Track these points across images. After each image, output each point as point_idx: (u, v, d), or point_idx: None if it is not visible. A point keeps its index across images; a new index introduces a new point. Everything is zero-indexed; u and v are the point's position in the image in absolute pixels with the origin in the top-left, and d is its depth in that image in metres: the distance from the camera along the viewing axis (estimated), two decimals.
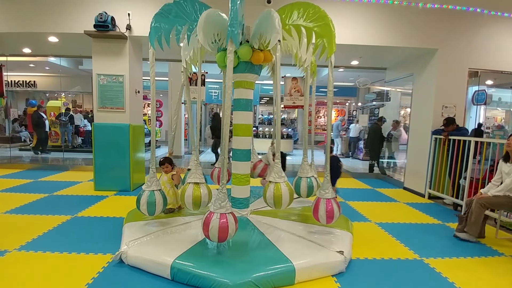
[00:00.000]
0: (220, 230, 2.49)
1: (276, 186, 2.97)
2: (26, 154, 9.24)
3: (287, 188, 3.00)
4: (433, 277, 2.73)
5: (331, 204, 3.04)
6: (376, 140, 7.76)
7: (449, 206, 5.07)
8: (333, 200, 3.08)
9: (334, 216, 3.05)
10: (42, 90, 11.84)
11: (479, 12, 5.41)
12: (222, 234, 2.51)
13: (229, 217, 2.54)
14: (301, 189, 3.73)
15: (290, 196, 3.02)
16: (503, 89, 8.14)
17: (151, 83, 3.22)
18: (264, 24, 2.97)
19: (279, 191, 2.96)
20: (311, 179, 3.71)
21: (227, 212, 2.54)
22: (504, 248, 3.39)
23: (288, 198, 2.99)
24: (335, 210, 3.04)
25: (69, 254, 2.88)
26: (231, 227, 2.53)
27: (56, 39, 5.64)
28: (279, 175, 3.00)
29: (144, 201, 3.11)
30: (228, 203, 2.59)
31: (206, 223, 2.52)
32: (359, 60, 6.82)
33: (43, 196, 4.80)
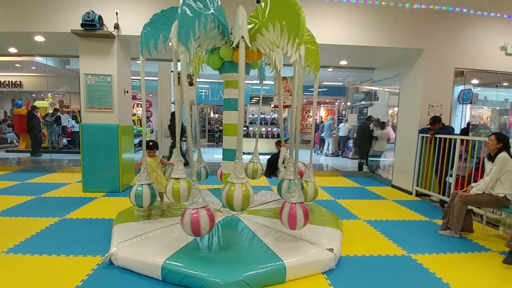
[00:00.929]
0: (191, 224, 2.54)
1: (231, 187, 2.84)
2: (13, 156, 9.04)
3: (242, 189, 2.81)
4: (421, 273, 2.79)
5: (294, 209, 2.83)
6: (365, 139, 7.87)
7: (436, 203, 5.18)
8: (299, 205, 2.85)
9: (296, 221, 2.82)
10: (28, 90, 11.61)
11: (465, 12, 5.53)
12: (194, 227, 2.55)
13: (201, 211, 2.56)
14: (282, 191, 3.70)
15: (244, 198, 2.80)
16: (489, 88, 8.34)
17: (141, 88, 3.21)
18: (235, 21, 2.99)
19: (232, 192, 2.81)
20: (291, 182, 3.43)
21: (199, 207, 2.57)
22: (490, 244, 3.48)
23: (241, 201, 2.80)
24: (298, 215, 2.81)
25: (58, 257, 2.84)
26: (203, 220, 2.55)
27: (43, 38, 5.54)
28: (236, 175, 2.85)
29: (133, 193, 3.36)
30: (200, 198, 2.61)
31: (181, 218, 2.59)
32: (348, 60, 6.90)
33: (31, 198, 4.71)
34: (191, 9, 2.86)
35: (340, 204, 4.93)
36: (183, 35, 2.82)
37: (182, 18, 2.81)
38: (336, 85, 12.53)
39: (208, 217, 2.59)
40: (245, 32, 2.83)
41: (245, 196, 2.81)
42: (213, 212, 2.66)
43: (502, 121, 9.19)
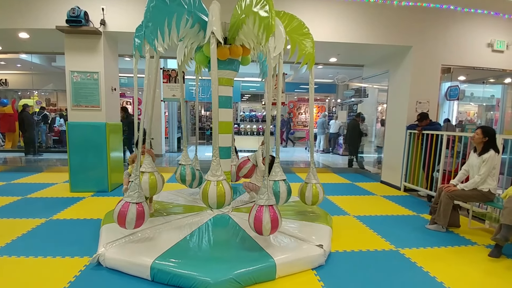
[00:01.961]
0: (118, 216, 2.76)
1: (206, 184, 2.81)
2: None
3: (217, 187, 2.76)
4: (408, 267, 2.84)
5: (261, 212, 2.67)
6: (355, 136, 7.95)
7: (424, 198, 5.26)
8: (267, 208, 2.68)
9: (262, 225, 2.64)
10: (14, 88, 11.32)
11: (452, 9, 5.60)
12: (119, 220, 2.76)
13: (131, 206, 2.74)
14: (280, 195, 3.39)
15: (219, 196, 2.76)
16: (475, 85, 8.49)
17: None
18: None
19: (207, 189, 2.78)
20: (277, 183, 3.30)
21: (131, 202, 2.76)
22: (476, 237, 3.55)
23: (215, 198, 2.76)
24: (264, 219, 2.64)
25: (44, 258, 2.79)
26: (129, 215, 2.73)
27: (27, 35, 5.41)
28: (212, 173, 2.81)
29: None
30: (135, 193, 2.78)
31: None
32: (337, 57, 6.93)
33: (17, 199, 4.62)
34: (160, 6, 2.85)
35: (330, 200, 4.97)
36: (148, 33, 2.85)
37: (148, 15, 2.83)
38: (326, 82, 12.60)
39: (135, 213, 2.74)
40: (216, 27, 2.75)
41: (219, 193, 2.77)
42: (144, 210, 2.80)
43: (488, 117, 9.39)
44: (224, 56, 3.29)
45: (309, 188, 3.58)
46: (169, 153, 10.10)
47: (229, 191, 2.86)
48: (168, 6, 2.91)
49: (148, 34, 2.86)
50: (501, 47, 5.85)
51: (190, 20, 3.13)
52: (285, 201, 3.36)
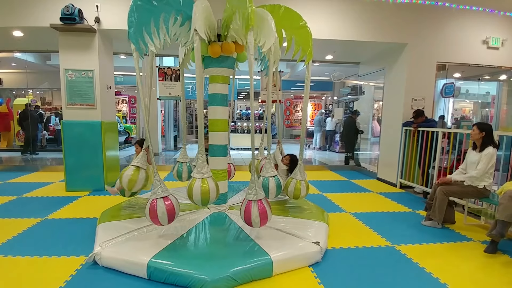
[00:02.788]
0: (150, 212, 2.77)
1: (192, 181, 2.84)
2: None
3: (201, 185, 2.77)
4: (404, 263, 2.85)
5: (250, 206, 2.73)
6: (351, 133, 7.97)
7: (419, 195, 5.29)
8: (255, 203, 2.74)
9: (251, 219, 2.72)
10: (9, 87, 11.23)
11: (447, 6, 5.62)
12: (152, 218, 2.79)
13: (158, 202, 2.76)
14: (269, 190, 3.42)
15: (203, 193, 2.77)
16: (471, 81, 8.53)
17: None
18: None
19: (191, 186, 2.81)
20: (267, 179, 3.40)
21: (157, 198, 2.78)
22: (472, 234, 3.58)
23: (199, 195, 2.77)
24: (253, 213, 2.71)
25: (40, 258, 2.77)
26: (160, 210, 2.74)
27: (21, 33, 5.36)
28: (198, 170, 2.83)
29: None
30: (159, 189, 2.78)
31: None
32: (334, 54, 6.93)
33: (12, 199, 4.58)
34: (144, 6, 2.88)
35: (326, 197, 4.98)
36: (132, 33, 2.87)
37: (131, 15, 2.85)
38: (322, 80, 12.60)
39: (166, 207, 2.74)
40: (198, 25, 2.72)
41: (203, 191, 2.77)
42: (174, 203, 2.79)
43: (484, 114, 9.44)
44: (216, 53, 3.28)
45: (293, 183, 3.64)
46: (166, 151, 10.07)
47: (214, 189, 2.85)
48: (154, 5, 2.94)
49: (132, 34, 2.87)
50: (496, 44, 5.88)
51: (180, 18, 3.13)
52: (275, 195, 3.47)
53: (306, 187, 3.67)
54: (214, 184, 2.87)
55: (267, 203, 2.81)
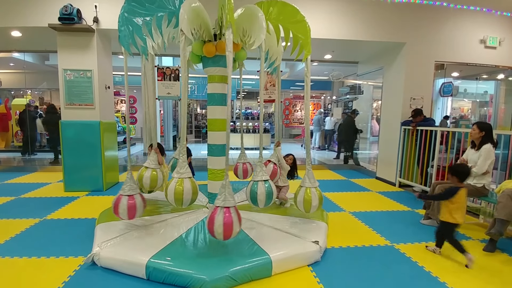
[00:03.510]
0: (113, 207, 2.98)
1: (170, 181, 2.78)
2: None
3: (176, 185, 2.69)
4: (404, 262, 2.86)
5: (215, 213, 2.46)
6: (350, 132, 7.97)
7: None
8: (221, 210, 2.46)
9: (214, 227, 2.44)
10: (7, 87, 11.20)
11: (445, 6, 5.62)
12: (114, 210, 2.99)
13: (123, 199, 2.95)
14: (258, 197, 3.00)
15: (176, 193, 2.68)
16: (469, 81, 8.55)
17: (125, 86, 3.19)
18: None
19: (168, 186, 2.77)
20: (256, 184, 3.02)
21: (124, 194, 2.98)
22: (471, 232, 3.59)
23: (172, 195, 2.69)
24: (216, 221, 2.43)
25: (38, 259, 2.77)
26: (122, 207, 2.94)
27: (19, 33, 5.35)
28: (177, 170, 2.76)
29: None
30: (128, 187, 3.00)
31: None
32: (332, 54, 6.94)
33: (10, 199, 4.57)
34: (135, 10, 2.99)
35: (325, 197, 4.97)
36: (122, 37, 2.98)
37: (121, 20, 2.95)
38: (321, 79, 12.62)
39: (127, 205, 2.91)
40: (184, 25, 2.71)
41: (177, 191, 2.67)
42: (136, 202, 2.96)
43: (482, 113, 9.46)
44: (211, 53, 3.27)
45: (302, 192, 3.18)
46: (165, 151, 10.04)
47: (189, 190, 2.71)
48: (145, 8, 3.03)
49: (122, 38, 2.96)
50: (494, 43, 5.90)
51: (174, 20, 3.14)
52: (265, 204, 3.02)
53: (319, 197, 3.15)
54: (190, 185, 2.72)
55: (235, 213, 2.50)
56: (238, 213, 2.53)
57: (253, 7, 2.97)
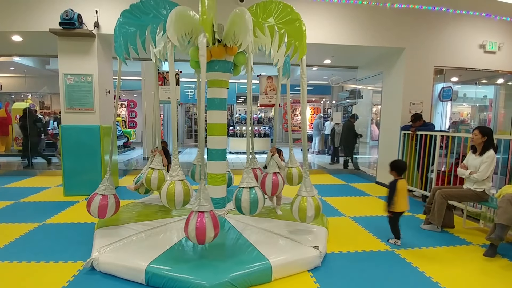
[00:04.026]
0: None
1: (164, 184, 2.92)
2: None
3: (167, 188, 2.82)
4: (404, 267, 2.84)
5: (190, 217, 2.48)
6: (350, 137, 7.97)
7: (418, 198, 5.29)
8: (195, 214, 2.46)
9: (187, 230, 2.46)
10: (7, 91, 11.22)
11: (444, 11, 5.67)
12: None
13: (96, 197, 3.15)
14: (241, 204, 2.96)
15: (168, 194, 2.81)
16: (468, 85, 8.56)
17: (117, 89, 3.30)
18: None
19: (161, 188, 2.92)
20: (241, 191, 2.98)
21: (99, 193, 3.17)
22: (471, 237, 3.57)
23: (165, 197, 2.83)
24: (190, 225, 2.44)
25: (37, 263, 2.76)
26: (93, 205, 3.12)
27: (20, 38, 5.37)
28: (170, 173, 2.90)
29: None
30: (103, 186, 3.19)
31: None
32: (332, 59, 6.97)
33: (9, 204, 4.56)
34: (129, 21, 3.18)
35: (325, 201, 4.97)
36: (117, 47, 3.14)
37: (117, 31, 3.11)
38: (321, 84, 12.65)
39: (99, 203, 3.10)
40: (170, 32, 2.76)
41: (169, 192, 2.82)
42: (109, 204, 3.13)
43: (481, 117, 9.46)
44: (206, 58, 3.30)
45: (297, 201, 3.03)
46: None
47: (181, 192, 2.82)
48: (140, 19, 3.21)
49: (117, 47, 3.13)
50: (493, 48, 5.93)
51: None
52: (250, 212, 2.97)
53: (315, 206, 2.97)
54: (182, 187, 2.82)
55: (209, 218, 2.46)
56: (214, 218, 2.51)
57: (241, 9, 2.96)
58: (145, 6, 3.28)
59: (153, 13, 3.28)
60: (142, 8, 3.28)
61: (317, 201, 3.01)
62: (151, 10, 3.29)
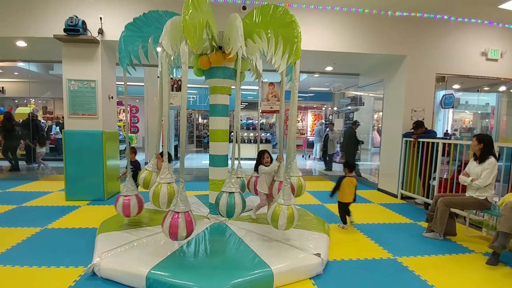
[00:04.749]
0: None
1: (155, 185, 3.05)
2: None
3: (154, 189, 3.00)
4: (406, 276, 2.82)
5: (166, 215, 2.63)
6: (351, 143, 7.97)
7: (420, 206, 5.27)
8: (171, 214, 2.60)
9: (163, 227, 2.61)
10: (11, 96, 11.31)
11: (446, 19, 5.70)
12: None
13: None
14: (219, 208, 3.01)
15: (154, 196, 2.98)
16: (470, 93, 8.56)
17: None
18: None
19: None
20: (221, 195, 3.02)
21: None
22: (474, 245, 3.55)
23: (151, 198, 3.01)
24: (165, 222, 2.59)
25: (39, 268, 2.75)
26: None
27: (25, 43, 5.43)
28: (160, 176, 3.04)
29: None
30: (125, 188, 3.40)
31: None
32: (333, 66, 7.00)
33: (11, 208, 4.57)
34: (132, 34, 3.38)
35: (327, 208, 4.96)
36: (121, 59, 3.34)
37: (121, 43, 3.29)
38: (322, 91, 12.68)
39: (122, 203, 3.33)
40: (165, 41, 2.85)
41: (154, 194, 2.98)
42: (129, 202, 3.33)
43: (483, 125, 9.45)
44: (205, 65, 3.35)
45: (272, 207, 2.97)
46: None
47: (165, 194, 2.94)
48: (142, 31, 3.42)
49: (121, 58, 3.36)
50: (495, 55, 5.95)
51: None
52: (227, 215, 3.01)
53: (288, 215, 2.84)
54: (166, 190, 2.96)
55: (183, 218, 2.57)
56: (189, 219, 2.61)
57: (233, 16, 3.03)
58: (148, 18, 3.43)
59: (155, 24, 3.38)
60: (144, 21, 3.44)
61: (292, 211, 2.89)
62: (153, 22, 3.41)
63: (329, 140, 8.94)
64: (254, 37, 3.34)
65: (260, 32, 3.26)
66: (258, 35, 3.29)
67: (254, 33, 3.30)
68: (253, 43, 3.40)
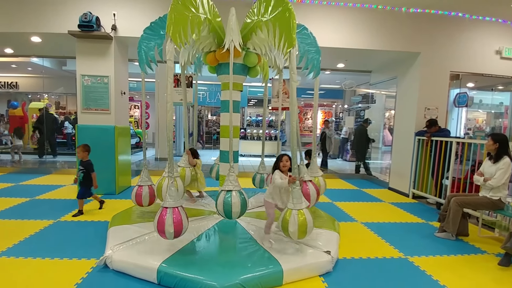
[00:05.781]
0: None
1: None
2: (7, 157, 8.94)
3: (159, 183, 3.47)
4: (417, 275, 2.79)
5: (160, 210, 2.64)
6: (362, 142, 7.89)
7: (433, 206, 5.19)
8: (161, 209, 2.63)
9: (157, 222, 2.60)
10: (25, 91, 11.53)
11: (460, 16, 5.58)
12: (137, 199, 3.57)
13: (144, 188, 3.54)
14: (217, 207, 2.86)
15: (158, 189, 3.52)
16: (484, 91, 8.39)
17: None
18: None
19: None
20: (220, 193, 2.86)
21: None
22: (486, 246, 3.49)
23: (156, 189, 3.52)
24: (156, 218, 2.61)
25: (51, 260, 2.81)
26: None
27: (39, 39, 5.51)
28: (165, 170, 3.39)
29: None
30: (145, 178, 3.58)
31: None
32: (345, 63, 6.93)
33: (25, 201, 4.67)
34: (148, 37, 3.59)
35: (337, 206, 4.93)
36: (140, 61, 3.59)
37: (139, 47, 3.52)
38: (333, 88, 12.58)
39: (135, 192, 3.52)
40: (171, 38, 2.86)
41: (158, 187, 3.52)
42: (142, 192, 3.50)
43: (497, 124, 9.25)
44: (212, 61, 3.37)
45: (282, 214, 2.77)
46: (176, 156, 10.13)
47: (166, 187, 3.07)
48: (158, 34, 3.60)
49: (140, 61, 3.64)
50: (510, 54, 5.81)
51: None
52: (225, 215, 2.83)
53: (299, 222, 2.61)
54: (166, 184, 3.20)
55: (170, 215, 2.56)
56: (177, 215, 2.60)
57: (230, 11, 3.01)
58: (163, 22, 3.47)
59: None
60: (160, 24, 3.56)
61: (303, 217, 2.64)
62: None
63: (327, 137, 8.81)
64: (256, 30, 3.24)
65: (261, 25, 3.18)
66: (260, 28, 3.22)
67: (257, 26, 3.24)
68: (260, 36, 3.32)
